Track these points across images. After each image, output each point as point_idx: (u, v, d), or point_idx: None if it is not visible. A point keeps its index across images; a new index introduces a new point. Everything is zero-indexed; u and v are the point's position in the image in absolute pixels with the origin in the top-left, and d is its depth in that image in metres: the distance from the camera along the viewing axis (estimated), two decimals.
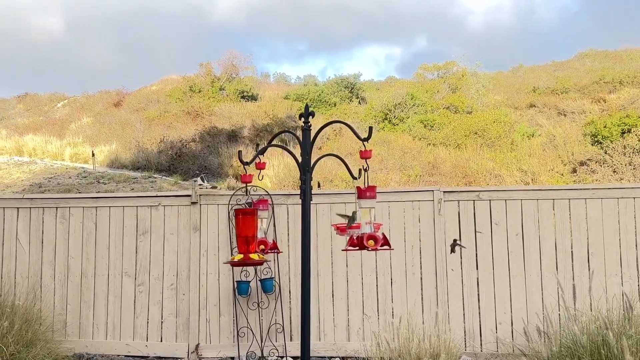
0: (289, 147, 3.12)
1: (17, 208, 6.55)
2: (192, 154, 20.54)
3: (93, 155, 20.18)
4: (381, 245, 2.64)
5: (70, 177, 18.14)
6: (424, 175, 18.87)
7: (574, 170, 18.14)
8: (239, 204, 5.67)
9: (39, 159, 22.20)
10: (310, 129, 2.95)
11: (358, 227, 2.72)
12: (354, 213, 2.87)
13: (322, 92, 31.92)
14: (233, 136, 23.51)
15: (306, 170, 2.83)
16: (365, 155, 2.77)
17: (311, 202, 6.22)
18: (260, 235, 3.05)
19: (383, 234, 2.71)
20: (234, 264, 2.82)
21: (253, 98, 33.36)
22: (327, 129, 22.22)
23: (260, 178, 3.11)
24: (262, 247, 2.93)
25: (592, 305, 5.01)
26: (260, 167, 3.16)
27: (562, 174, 17.87)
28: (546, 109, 27.59)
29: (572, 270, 5.85)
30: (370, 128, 2.76)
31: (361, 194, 2.65)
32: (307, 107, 3.00)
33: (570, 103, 26.45)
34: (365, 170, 2.74)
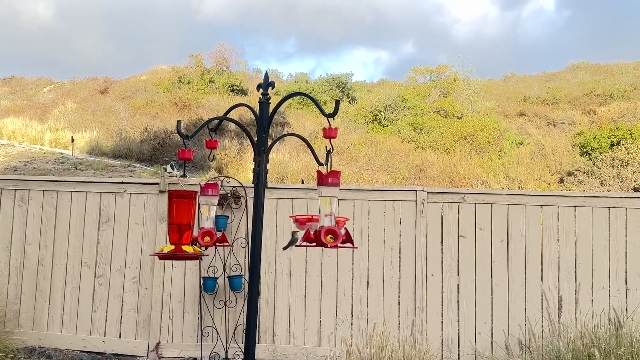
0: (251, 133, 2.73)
1: None
2: (175, 144, 20.07)
3: (72, 140, 19.62)
4: (342, 242, 2.28)
5: (47, 162, 17.63)
6: (410, 177, 18.62)
7: (562, 180, 17.97)
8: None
9: (18, 143, 21.62)
10: (269, 103, 2.57)
11: (317, 220, 2.37)
12: (294, 233, 2.50)
13: (313, 89, 31.54)
14: (219, 129, 23.09)
15: (262, 151, 2.46)
16: (329, 134, 2.40)
17: (289, 197, 5.96)
18: (209, 225, 2.67)
19: (346, 230, 2.35)
20: (162, 256, 2.41)
21: (243, 92, 32.91)
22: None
23: (210, 159, 2.73)
24: (207, 238, 2.55)
25: (579, 319, 4.70)
26: (212, 145, 2.77)
27: (549, 184, 17.69)
28: (536, 118, 27.46)
29: (558, 281, 5.54)
30: (337, 101, 2.39)
31: (322, 179, 2.27)
32: (266, 75, 2.63)
33: (560, 113, 26.33)
34: (329, 151, 2.38)
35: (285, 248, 2.62)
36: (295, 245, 2.47)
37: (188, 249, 2.30)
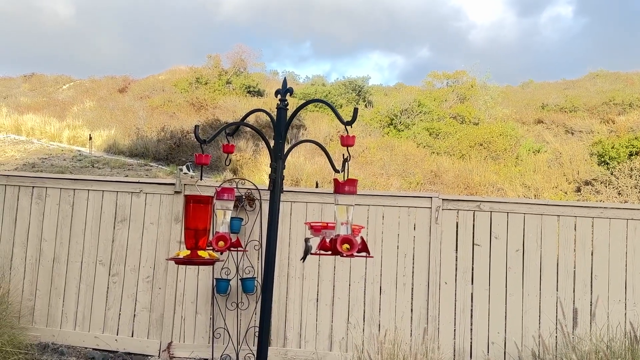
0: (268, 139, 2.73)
1: None
2: (191, 144, 20.18)
3: (90, 138, 19.80)
4: (358, 251, 2.26)
5: (64, 160, 17.80)
6: (425, 183, 18.53)
7: (579, 190, 17.77)
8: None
9: (36, 139, 21.87)
10: (287, 109, 2.57)
11: (332, 227, 2.36)
12: (307, 241, 2.45)
13: (330, 92, 31.56)
14: (235, 130, 23.12)
15: (278, 157, 2.46)
16: (347, 142, 2.38)
17: (303, 201, 5.96)
18: (223, 229, 2.67)
19: (362, 238, 2.33)
20: (178, 261, 2.42)
21: (259, 94, 33.04)
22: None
23: (227, 163, 2.74)
24: (221, 243, 2.55)
25: (594, 331, 4.64)
26: (228, 150, 2.76)
27: (566, 192, 17.50)
28: (554, 126, 27.20)
29: (573, 292, 5.47)
30: (355, 109, 2.37)
31: (339, 188, 2.26)
32: (284, 81, 2.62)
33: (579, 122, 26.06)
34: (347, 160, 2.36)
35: (303, 259, 2.60)
36: (311, 254, 2.46)
37: (203, 254, 2.30)
